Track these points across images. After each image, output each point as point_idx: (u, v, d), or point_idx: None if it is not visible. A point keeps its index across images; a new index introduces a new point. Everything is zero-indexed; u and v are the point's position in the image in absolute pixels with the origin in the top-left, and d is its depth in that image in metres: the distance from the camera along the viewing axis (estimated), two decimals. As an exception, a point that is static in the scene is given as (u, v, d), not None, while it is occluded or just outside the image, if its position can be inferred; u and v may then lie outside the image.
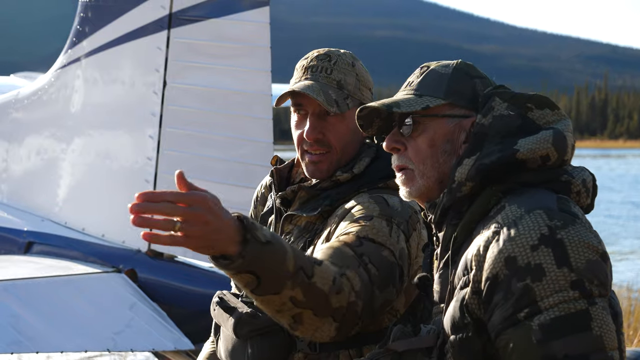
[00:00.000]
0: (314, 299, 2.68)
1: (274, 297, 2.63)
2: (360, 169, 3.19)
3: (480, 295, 2.33)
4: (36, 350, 5.82)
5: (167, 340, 6.31)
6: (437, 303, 2.55)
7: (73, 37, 7.34)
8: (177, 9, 6.80)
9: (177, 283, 6.81)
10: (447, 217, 2.50)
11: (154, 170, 6.83)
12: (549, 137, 2.43)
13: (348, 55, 3.25)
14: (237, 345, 3.11)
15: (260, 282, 2.57)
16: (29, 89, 7.85)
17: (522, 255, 2.27)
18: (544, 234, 2.27)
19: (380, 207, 3.05)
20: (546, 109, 2.50)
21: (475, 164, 2.44)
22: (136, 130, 6.98)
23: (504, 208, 2.37)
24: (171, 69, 6.83)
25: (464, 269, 2.39)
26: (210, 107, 6.76)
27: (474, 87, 2.57)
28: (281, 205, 3.28)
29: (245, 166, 6.69)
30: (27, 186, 7.72)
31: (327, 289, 2.71)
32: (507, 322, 2.27)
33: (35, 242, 7.35)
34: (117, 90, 7.10)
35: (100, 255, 7.01)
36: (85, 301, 6.45)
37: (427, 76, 2.60)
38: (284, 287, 2.61)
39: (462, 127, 2.54)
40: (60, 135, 7.44)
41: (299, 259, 2.64)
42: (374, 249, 2.94)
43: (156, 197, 2.32)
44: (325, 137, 3.18)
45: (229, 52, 6.72)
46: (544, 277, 2.24)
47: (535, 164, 2.43)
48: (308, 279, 2.66)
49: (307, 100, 3.17)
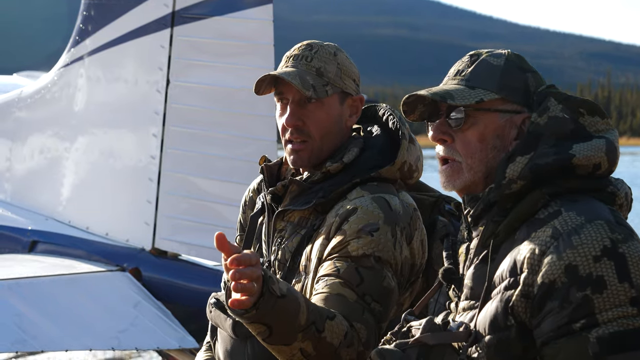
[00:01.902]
0: (324, 353, 2.81)
1: (284, 347, 2.77)
2: (350, 159, 3.17)
3: (530, 299, 2.30)
4: (40, 349, 5.84)
5: (172, 339, 6.31)
6: (466, 298, 2.50)
7: (76, 35, 7.33)
8: (180, 7, 6.80)
9: (181, 281, 6.80)
10: (490, 213, 2.47)
11: (158, 169, 6.82)
12: (603, 146, 2.42)
13: (331, 46, 3.25)
14: (236, 345, 3.10)
15: (272, 333, 2.71)
16: (32, 88, 7.84)
17: (584, 265, 2.24)
18: (606, 245, 2.26)
19: (384, 213, 3.05)
20: (597, 116, 2.48)
21: (529, 163, 2.41)
22: (140, 129, 6.98)
23: (560, 213, 2.34)
24: (174, 67, 6.82)
25: (511, 269, 2.35)
26: (213, 105, 6.75)
27: (526, 82, 2.53)
28: (272, 201, 3.25)
29: (248, 164, 6.67)
30: (30, 185, 7.72)
31: (337, 342, 2.82)
32: (561, 331, 2.25)
33: (39, 241, 7.35)
34: (120, 88, 7.10)
35: (104, 253, 7.00)
36: (89, 300, 6.45)
37: (479, 66, 2.55)
38: (294, 339, 2.75)
39: (513, 123, 2.51)
40: (63, 134, 7.43)
41: (312, 314, 2.77)
42: (373, 281, 2.99)
43: (243, 262, 2.57)
44: (305, 124, 3.17)
45: (232, 50, 6.71)
46: (605, 290, 2.22)
47: (585, 171, 2.41)
48: (319, 333, 2.78)
49: (287, 88, 3.18)
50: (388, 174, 3.15)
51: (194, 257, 6.91)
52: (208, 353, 3.42)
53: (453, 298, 2.58)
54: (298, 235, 3.16)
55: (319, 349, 2.79)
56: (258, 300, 2.62)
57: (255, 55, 6.66)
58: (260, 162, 3.36)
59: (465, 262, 2.56)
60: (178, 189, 6.82)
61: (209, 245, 6.71)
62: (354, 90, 3.24)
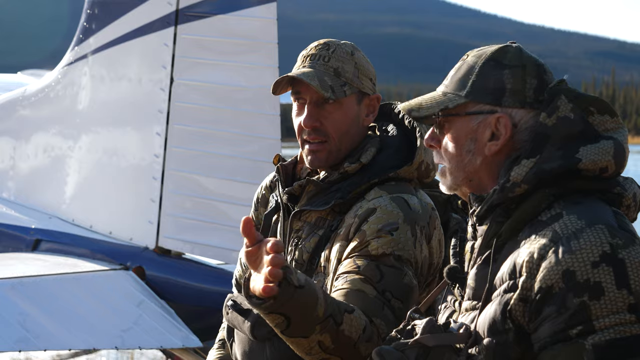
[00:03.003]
0: (342, 347, 2.80)
1: (302, 340, 2.76)
2: (368, 159, 3.15)
3: (528, 303, 2.28)
4: (44, 348, 5.83)
5: (175, 338, 6.31)
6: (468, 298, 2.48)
7: (80, 34, 7.33)
8: (184, 6, 6.79)
9: (185, 280, 6.80)
10: (494, 213, 2.44)
11: (161, 168, 6.82)
12: (610, 149, 2.38)
13: (348, 45, 3.23)
14: (255, 347, 3.09)
15: (290, 324, 2.70)
16: (36, 87, 7.84)
17: (582, 270, 2.22)
18: (605, 251, 2.22)
19: (404, 212, 3.04)
20: (606, 115, 2.44)
21: (535, 167, 2.37)
22: (143, 127, 6.97)
23: (562, 216, 2.31)
24: (178, 65, 6.82)
25: (510, 272, 2.33)
26: (217, 103, 6.75)
27: (501, 80, 2.47)
28: (288, 201, 3.24)
29: (252, 163, 6.67)
30: (34, 183, 7.71)
31: (355, 337, 2.82)
32: (557, 337, 2.22)
33: (42, 240, 7.35)
34: (124, 87, 7.09)
35: (108, 252, 7.00)
36: (93, 299, 6.45)
37: (459, 70, 2.53)
38: (312, 331, 2.74)
39: (487, 124, 2.46)
40: (67, 133, 7.43)
41: (330, 306, 2.76)
42: (394, 279, 2.98)
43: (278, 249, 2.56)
44: (322, 125, 3.15)
45: (236, 49, 6.70)
46: (603, 297, 2.19)
47: (592, 173, 2.38)
48: (337, 325, 2.77)
49: (305, 87, 3.15)
50: (406, 173, 3.14)
51: (198, 256, 6.91)
52: (221, 351, 3.42)
53: (457, 297, 2.56)
54: (316, 236, 3.15)
55: (337, 342, 2.78)
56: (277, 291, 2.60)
57: (259, 54, 6.65)
58: (274, 160, 3.34)
59: (470, 260, 2.54)
60: (182, 188, 6.81)
61: (213, 243, 6.71)
62: (371, 89, 3.23)
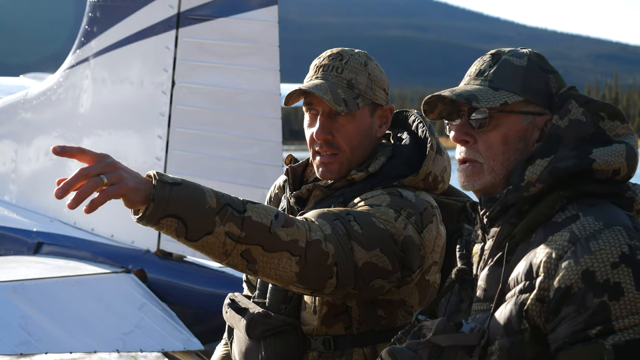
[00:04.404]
0: (255, 233, 2.68)
1: (210, 237, 2.64)
2: (376, 168, 3.13)
3: (545, 303, 2.28)
4: (45, 351, 5.82)
5: (177, 341, 6.31)
6: (479, 300, 2.47)
7: (81, 37, 7.34)
8: (185, 9, 6.80)
9: (186, 283, 6.80)
10: (507, 214, 2.44)
11: (163, 170, 6.81)
12: (623, 152, 2.40)
13: (361, 55, 3.19)
14: (251, 346, 3.09)
15: (186, 223, 2.61)
16: (38, 90, 7.85)
17: (602, 271, 2.22)
18: (624, 252, 2.23)
19: (391, 198, 3.01)
20: (617, 120, 2.45)
21: (549, 166, 2.38)
22: (145, 130, 6.98)
23: (578, 218, 2.32)
24: (180, 68, 6.82)
25: (527, 272, 2.33)
26: (218, 106, 6.75)
27: (548, 83, 2.51)
28: (295, 204, 3.23)
29: (254, 165, 6.67)
30: (36, 187, 7.72)
31: (267, 222, 2.70)
32: (576, 337, 2.23)
33: (44, 243, 7.35)
34: (125, 90, 7.10)
35: (110, 255, 7.00)
36: (94, 302, 6.45)
37: (502, 67, 2.52)
38: (213, 224, 2.63)
39: (536, 125, 2.48)
40: (68, 136, 7.43)
41: (224, 198, 2.67)
42: (364, 215, 2.91)
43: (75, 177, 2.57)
44: (334, 138, 3.12)
45: (237, 52, 6.71)
46: (622, 297, 2.21)
47: (604, 175, 2.39)
48: (239, 213, 2.66)
49: (317, 99, 3.12)
50: (411, 183, 3.11)
51: (199, 259, 6.91)
52: (227, 347, 3.43)
53: (466, 299, 2.55)
54: None
55: (247, 229, 2.67)
56: (152, 192, 2.57)
57: (260, 57, 6.65)
58: (286, 161, 3.34)
59: (479, 262, 2.53)
60: (183, 191, 6.80)
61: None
62: (384, 100, 3.20)
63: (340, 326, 3.06)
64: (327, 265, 2.79)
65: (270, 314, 3.05)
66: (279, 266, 2.73)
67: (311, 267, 2.76)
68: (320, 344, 3.06)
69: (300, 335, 3.05)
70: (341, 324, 3.05)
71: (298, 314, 3.08)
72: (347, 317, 3.05)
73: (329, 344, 3.06)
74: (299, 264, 2.74)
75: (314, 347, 3.07)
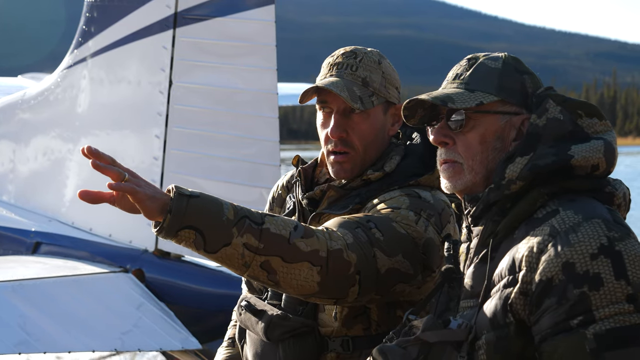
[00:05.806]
0: (273, 244, 2.69)
1: (228, 249, 2.65)
2: (392, 167, 3.14)
3: (528, 296, 2.33)
4: (44, 351, 5.83)
5: (175, 340, 6.32)
6: (466, 297, 2.52)
7: (79, 37, 7.34)
8: (183, 8, 6.81)
9: (184, 283, 6.81)
10: (489, 212, 2.50)
11: (161, 170, 6.83)
12: (601, 148, 2.46)
13: (375, 53, 3.20)
14: (268, 348, 3.09)
15: (204, 235, 2.63)
16: (36, 90, 7.86)
17: (581, 262, 2.28)
18: (603, 244, 2.29)
19: (410, 200, 3.02)
20: (595, 118, 2.51)
21: (529, 164, 2.44)
22: (142, 130, 6.98)
23: (558, 212, 2.38)
24: (177, 68, 6.83)
25: (510, 267, 2.38)
26: (216, 106, 6.76)
27: (524, 84, 2.57)
28: (308, 205, 3.22)
29: (251, 165, 6.68)
30: (34, 186, 7.73)
31: (286, 233, 2.71)
32: (558, 328, 2.28)
33: (42, 243, 7.36)
34: (123, 90, 7.11)
35: (108, 255, 7.01)
36: (92, 301, 6.46)
37: (477, 70, 2.59)
38: (231, 235, 2.65)
39: (513, 124, 2.55)
40: (66, 136, 7.44)
41: (242, 210, 2.69)
42: (385, 220, 2.92)
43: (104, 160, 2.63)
44: (348, 136, 3.13)
45: (234, 51, 6.71)
46: (602, 287, 2.26)
47: (584, 171, 2.45)
48: (257, 225, 2.68)
49: (332, 97, 3.12)
50: (427, 182, 3.13)
51: (197, 258, 6.92)
52: (230, 349, 3.44)
53: (454, 297, 2.60)
54: None
55: (265, 241, 2.68)
56: (169, 204, 2.59)
57: (258, 56, 6.66)
58: (293, 162, 3.34)
59: (465, 261, 2.59)
60: (181, 190, 6.81)
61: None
62: (397, 98, 3.21)
63: (359, 327, 3.07)
64: (349, 274, 2.81)
65: (288, 316, 3.05)
66: (300, 276, 2.75)
67: (333, 276, 2.78)
68: (339, 345, 3.07)
69: (318, 337, 3.06)
70: (360, 326, 3.07)
71: (315, 316, 3.08)
72: (366, 318, 3.07)
73: (348, 345, 3.07)
74: (321, 274, 2.76)
75: (332, 348, 3.07)
